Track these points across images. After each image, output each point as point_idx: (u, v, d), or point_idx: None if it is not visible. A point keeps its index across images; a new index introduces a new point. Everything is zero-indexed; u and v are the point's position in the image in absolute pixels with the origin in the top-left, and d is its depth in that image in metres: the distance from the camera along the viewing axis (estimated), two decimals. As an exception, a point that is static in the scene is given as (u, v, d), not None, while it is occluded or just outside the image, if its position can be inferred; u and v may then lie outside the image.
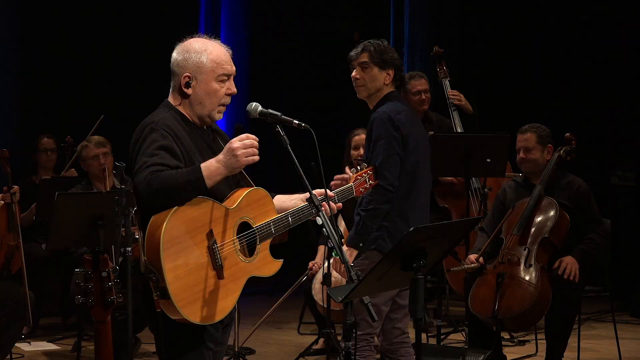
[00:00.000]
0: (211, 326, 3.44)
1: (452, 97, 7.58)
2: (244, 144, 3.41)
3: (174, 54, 3.57)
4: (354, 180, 3.96)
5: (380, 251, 4.64)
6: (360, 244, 4.62)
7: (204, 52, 3.52)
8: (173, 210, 3.28)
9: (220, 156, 3.40)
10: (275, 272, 3.59)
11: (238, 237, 3.45)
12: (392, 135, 4.67)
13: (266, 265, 3.55)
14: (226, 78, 3.54)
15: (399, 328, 4.83)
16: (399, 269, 3.40)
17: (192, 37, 3.59)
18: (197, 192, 3.34)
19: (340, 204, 3.75)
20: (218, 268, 3.37)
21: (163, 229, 3.25)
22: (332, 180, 4.03)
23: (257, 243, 3.50)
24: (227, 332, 3.66)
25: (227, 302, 3.40)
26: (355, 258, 4.65)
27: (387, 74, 4.80)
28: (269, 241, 3.56)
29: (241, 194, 3.51)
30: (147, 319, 3.58)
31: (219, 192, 3.46)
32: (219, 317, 3.38)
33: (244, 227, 3.49)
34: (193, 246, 3.32)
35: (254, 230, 3.50)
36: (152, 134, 3.40)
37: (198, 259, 3.34)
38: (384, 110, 4.74)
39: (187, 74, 3.51)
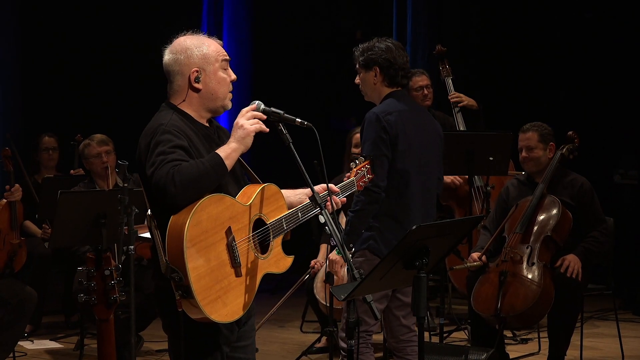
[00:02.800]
0: (225, 328, 3.43)
1: (453, 99, 7.56)
2: (243, 114, 3.47)
3: (169, 56, 3.53)
4: (355, 175, 3.97)
5: (371, 251, 4.64)
6: (351, 245, 4.60)
7: (203, 45, 3.53)
8: (194, 208, 3.26)
9: (230, 137, 3.46)
10: (287, 268, 3.60)
11: (253, 234, 3.46)
12: (378, 136, 4.61)
13: (280, 261, 3.56)
14: (227, 65, 3.56)
15: (406, 326, 4.81)
16: (401, 267, 3.40)
17: (178, 37, 3.57)
18: (220, 177, 3.37)
19: (345, 198, 3.75)
20: (236, 265, 3.36)
21: (186, 228, 3.23)
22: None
23: (271, 239, 3.51)
24: (251, 319, 3.63)
25: (245, 300, 3.39)
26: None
27: (374, 73, 4.74)
28: (281, 237, 3.56)
29: (254, 190, 3.51)
30: (163, 319, 3.54)
31: (227, 190, 3.45)
32: (238, 315, 3.37)
33: (258, 223, 3.49)
34: (213, 244, 3.31)
35: (268, 227, 3.51)
36: (166, 135, 3.37)
37: (218, 257, 3.33)
38: (375, 110, 4.70)
39: (195, 68, 3.49)
